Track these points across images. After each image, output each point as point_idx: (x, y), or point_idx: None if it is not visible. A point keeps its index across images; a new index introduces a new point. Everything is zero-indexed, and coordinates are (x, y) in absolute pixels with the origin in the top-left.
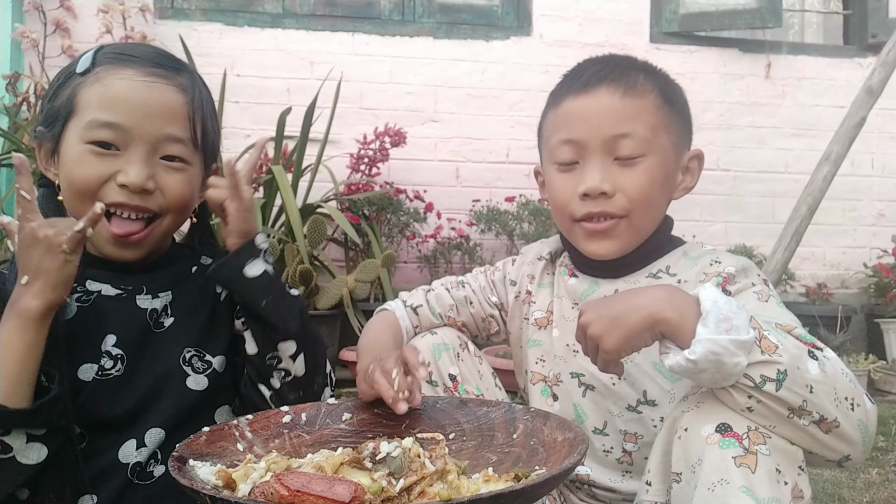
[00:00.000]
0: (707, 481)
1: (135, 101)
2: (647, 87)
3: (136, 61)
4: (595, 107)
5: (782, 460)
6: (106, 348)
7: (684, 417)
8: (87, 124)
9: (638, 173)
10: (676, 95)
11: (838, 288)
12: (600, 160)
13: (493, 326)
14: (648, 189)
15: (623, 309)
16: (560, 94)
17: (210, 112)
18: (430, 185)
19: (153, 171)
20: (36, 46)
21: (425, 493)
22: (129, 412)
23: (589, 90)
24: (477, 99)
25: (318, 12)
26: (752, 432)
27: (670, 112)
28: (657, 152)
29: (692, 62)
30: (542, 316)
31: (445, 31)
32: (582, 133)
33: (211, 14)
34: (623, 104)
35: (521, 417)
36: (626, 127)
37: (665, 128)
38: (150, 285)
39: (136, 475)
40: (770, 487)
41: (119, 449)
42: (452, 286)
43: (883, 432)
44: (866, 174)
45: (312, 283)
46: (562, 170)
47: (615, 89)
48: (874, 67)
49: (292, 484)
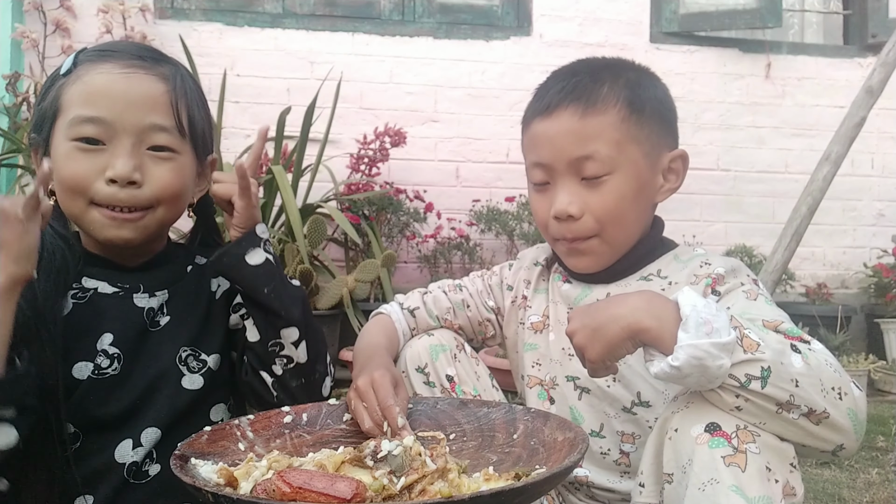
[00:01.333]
0: (697, 481)
1: (115, 93)
2: (610, 101)
3: (115, 55)
4: (557, 130)
5: (772, 458)
6: (102, 347)
7: (674, 418)
8: (70, 122)
9: (604, 193)
10: (648, 100)
11: (838, 288)
12: (567, 182)
13: (490, 330)
14: (615, 208)
15: (603, 319)
16: (529, 116)
17: (196, 101)
18: (430, 185)
19: (140, 161)
20: (36, 46)
21: (426, 491)
22: (125, 411)
23: (551, 113)
24: (477, 99)
25: (318, 12)
26: (741, 431)
27: (638, 122)
28: (624, 168)
29: (692, 62)
30: (539, 320)
31: (445, 31)
32: (548, 156)
33: (211, 14)
34: (583, 125)
35: (522, 418)
36: (588, 148)
37: (633, 140)
38: (147, 284)
39: (131, 475)
40: (760, 485)
41: (115, 448)
42: (449, 289)
43: (883, 432)
44: (866, 174)
45: (312, 283)
46: (537, 190)
47: (575, 110)
48: (874, 67)
49: (294, 481)
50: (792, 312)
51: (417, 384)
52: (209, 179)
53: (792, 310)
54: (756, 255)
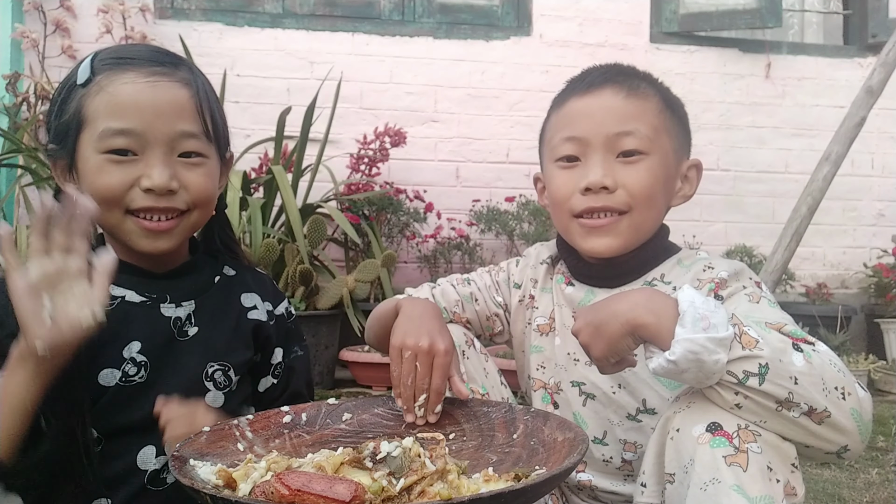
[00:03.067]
0: (699, 481)
1: (143, 103)
2: (650, 91)
3: (135, 63)
4: (599, 105)
5: (774, 458)
6: (130, 355)
7: (676, 418)
8: (100, 135)
9: (640, 170)
10: (677, 105)
11: (838, 288)
12: (602, 156)
13: (497, 326)
14: (650, 186)
15: (604, 316)
16: (564, 96)
17: (215, 101)
18: (430, 185)
19: (174, 170)
20: (36, 46)
21: (425, 492)
22: (149, 419)
23: (593, 90)
24: (477, 99)
25: (318, 12)
26: (742, 430)
27: (671, 118)
28: (659, 152)
29: (692, 62)
30: (545, 322)
31: (445, 31)
32: (585, 130)
33: (211, 14)
34: (626, 104)
35: (522, 417)
36: (629, 125)
37: (667, 131)
38: (174, 293)
39: (150, 481)
40: (762, 485)
41: (138, 455)
42: (458, 283)
43: (883, 432)
44: (866, 174)
45: (312, 283)
46: (563, 167)
47: (619, 90)
48: (874, 67)
49: (293, 483)
50: (792, 312)
51: None
52: (227, 175)
53: (792, 310)
54: (756, 255)
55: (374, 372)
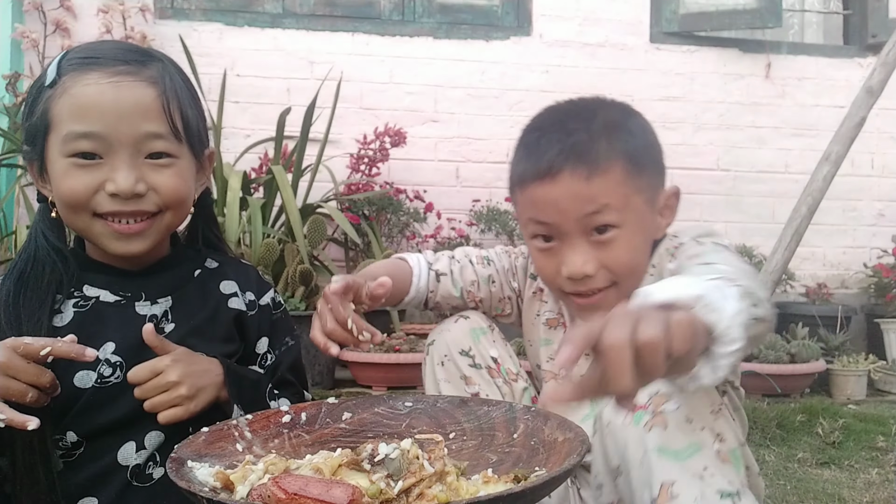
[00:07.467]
0: (635, 460)
1: (105, 105)
2: (612, 158)
3: (99, 63)
4: (561, 193)
5: (692, 410)
6: (105, 356)
7: (604, 413)
8: (64, 138)
9: (616, 249)
10: (643, 148)
11: (838, 288)
12: (576, 241)
13: (507, 309)
14: (630, 261)
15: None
16: (524, 176)
17: (188, 98)
18: (430, 185)
19: (140, 172)
20: (36, 46)
21: (424, 494)
22: (128, 416)
23: (553, 176)
24: (477, 99)
25: (318, 12)
26: (655, 396)
27: (639, 173)
28: (632, 219)
29: (692, 62)
30: (553, 317)
31: (445, 31)
32: (553, 217)
33: (211, 14)
34: (589, 186)
35: (522, 417)
36: (597, 203)
37: (636, 191)
38: (149, 291)
39: (134, 477)
40: (684, 436)
41: (118, 451)
42: (477, 261)
43: (883, 432)
44: (866, 174)
45: (312, 283)
46: (541, 248)
47: (580, 173)
48: (874, 67)
49: (289, 487)
50: (792, 312)
51: (464, 367)
52: (208, 173)
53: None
54: (756, 255)
55: (374, 372)
